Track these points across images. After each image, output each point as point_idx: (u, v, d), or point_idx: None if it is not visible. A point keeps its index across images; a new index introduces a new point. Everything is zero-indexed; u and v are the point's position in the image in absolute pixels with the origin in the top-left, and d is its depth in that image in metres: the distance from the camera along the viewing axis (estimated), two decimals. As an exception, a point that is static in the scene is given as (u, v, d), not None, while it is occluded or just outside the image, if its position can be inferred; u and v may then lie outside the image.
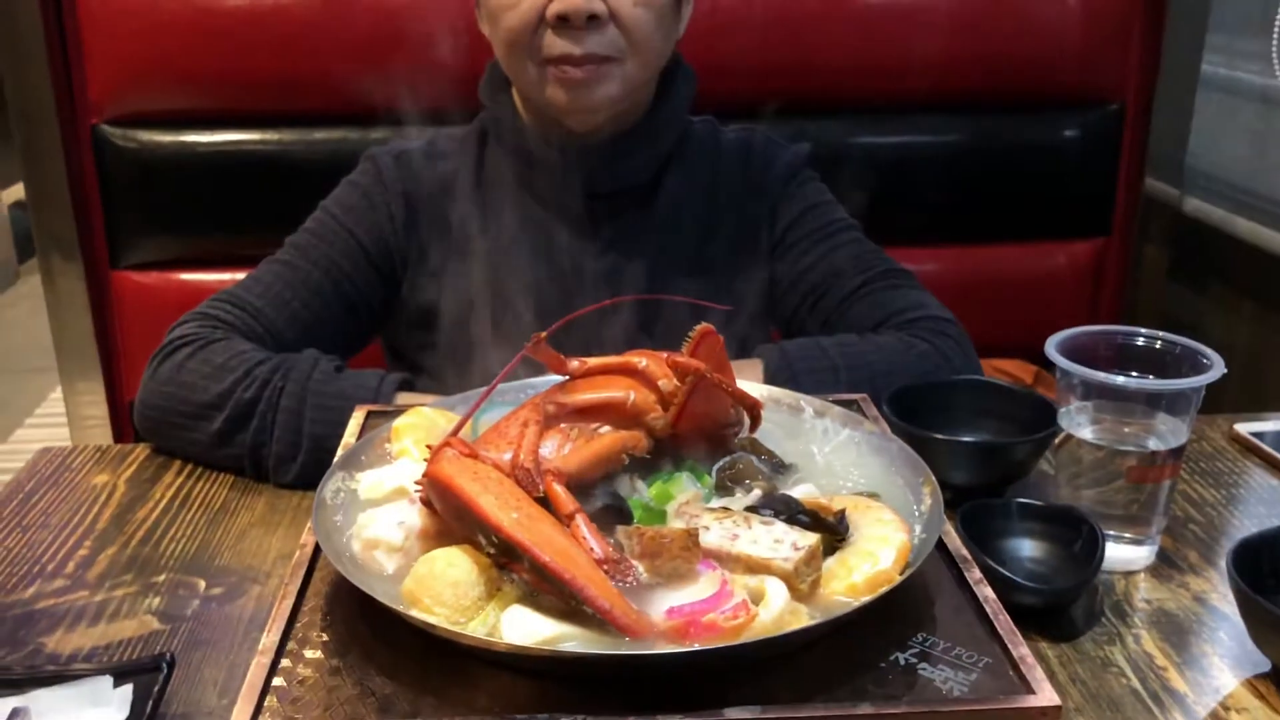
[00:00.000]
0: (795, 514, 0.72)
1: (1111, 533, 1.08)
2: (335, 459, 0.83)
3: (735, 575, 0.68)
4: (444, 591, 0.66)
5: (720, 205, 1.41)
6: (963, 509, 1.02)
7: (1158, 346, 1.12)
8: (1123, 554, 1.09)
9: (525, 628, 0.64)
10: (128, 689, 0.78)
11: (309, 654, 0.67)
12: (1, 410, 3.44)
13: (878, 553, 0.70)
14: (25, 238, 4.08)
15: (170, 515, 1.15)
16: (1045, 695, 0.62)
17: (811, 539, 0.69)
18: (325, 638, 0.68)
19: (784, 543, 0.68)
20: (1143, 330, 1.13)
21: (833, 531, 0.72)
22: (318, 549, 0.76)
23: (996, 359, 1.80)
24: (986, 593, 0.71)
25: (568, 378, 0.81)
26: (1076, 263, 1.99)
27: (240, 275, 1.37)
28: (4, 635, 0.96)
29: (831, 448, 0.86)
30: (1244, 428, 1.32)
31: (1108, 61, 1.92)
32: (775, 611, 0.64)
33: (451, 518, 0.70)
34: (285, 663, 0.66)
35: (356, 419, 0.91)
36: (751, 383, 0.92)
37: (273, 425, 1.19)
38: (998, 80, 1.88)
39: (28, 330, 3.75)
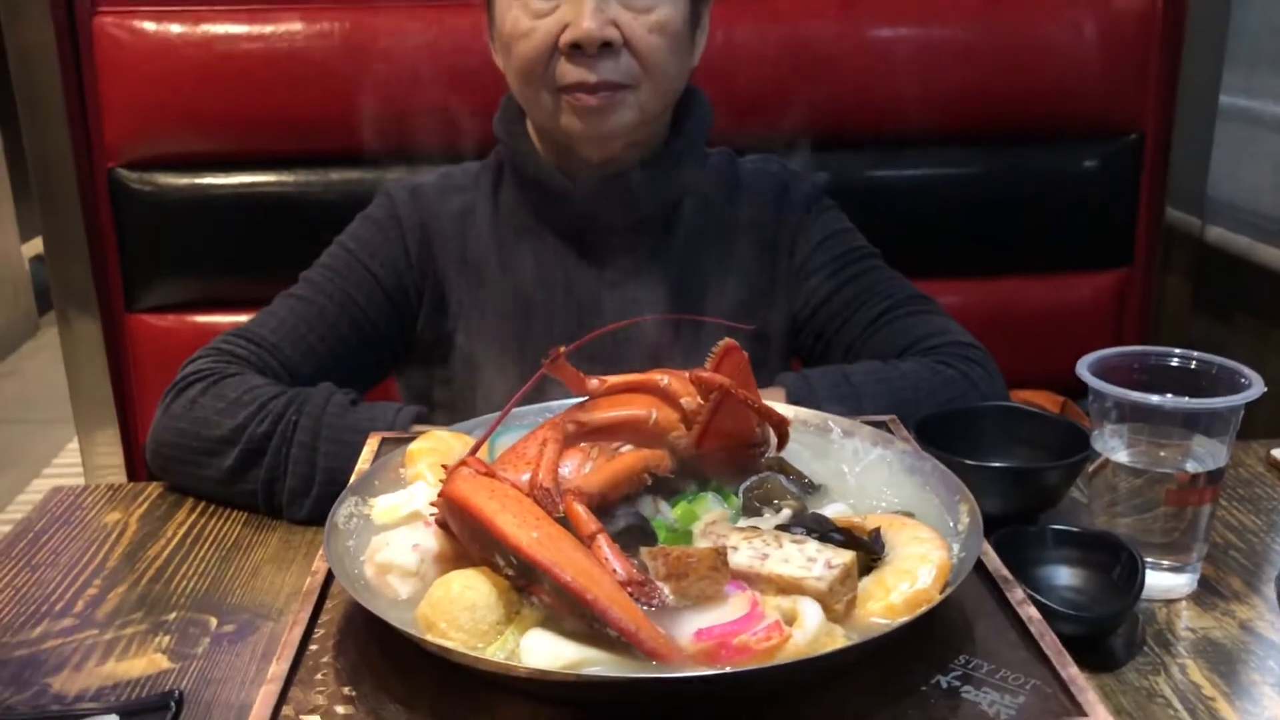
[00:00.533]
0: (828, 532, 0.69)
1: (1150, 560, 1.05)
2: (349, 484, 0.80)
3: (766, 596, 0.65)
4: (460, 615, 0.63)
5: (738, 235, 1.39)
6: (996, 536, 0.99)
7: (1193, 366, 1.08)
8: (1163, 582, 1.05)
9: (546, 652, 0.61)
10: (134, 727, 0.76)
11: (320, 683, 0.64)
12: (19, 461, 3.44)
13: (916, 571, 0.67)
14: (45, 290, 4.09)
15: (182, 553, 1.13)
16: (1099, 717, 0.59)
17: (846, 556, 0.66)
18: (338, 666, 0.65)
19: (817, 561, 0.65)
20: (1177, 350, 1.10)
21: (868, 550, 0.69)
22: (330, 577, 0.73)
23: (1022, 390, 1.77)
24: (1031, 613, 0.67)
25: (588, 397, 0.79)
26: (1100, 294, 1.96)
27: (257, 316, 1.35)
28: (9, 676, 0.93)
29: (862, 467, 0.83)
30: (1282, 453, 1.28)
31: (1125, 92, 1.90)
32: (810, 633, 0.61)
33: (468, 539, 0.67)
34: (295, 692, 0.63)
35: (370, 446, 0.89)
36: (777, 403, 0.89)
37: (286, 459, 1.16)
38: (1015, 112, 1.87)
39: (46, 382, 3.76)
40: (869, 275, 1.38)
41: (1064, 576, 1.04)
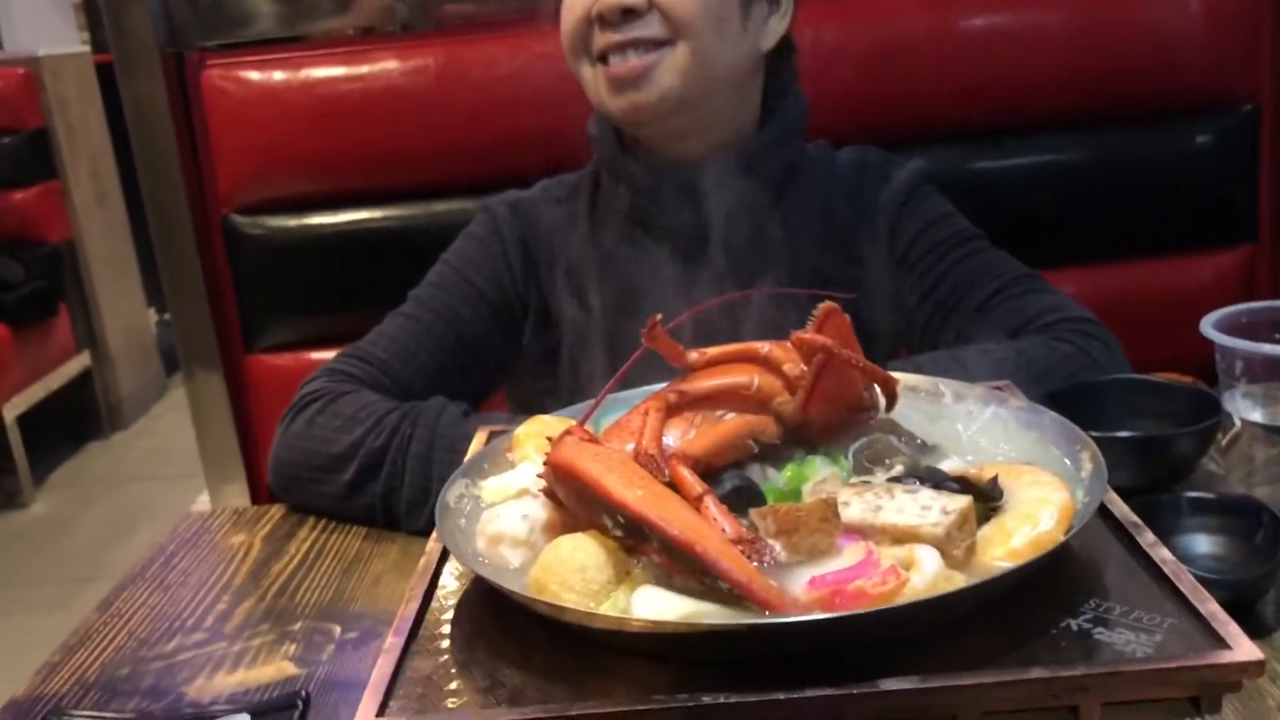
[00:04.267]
0: (942, 481, 0.67)
1: (1297, 527, 0.99)
2: (458, 468, 0.81)
3: (881, 548, 0.63)
4: (571, 577, 0.62)
5: (838, 226, 1.37)
6: (1128, 505, 0.95)
7: (1329, 318, 1.03)
8: (1312, 548, 0.99)
9: (658, 607, 0.60)
10: (264, 726, 0.77)
11: (436, 651, 0.64)
12: (155, 517, 3.57)
13: (1038, 514, 0.64)
14: (171, 353, 4.27)
15: (305, 568, 1.16)
16: (1243, 650, 0.55)
17: (963, 501, 0.64)
18: (453, 635, 0.65)
19: (932, 509, 0.63)
20: (1309, 302, 1.05)
21: (985, 497, 0.66)
22: (444, 556, 0.73)
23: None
24: (1164, 554, 0.64)
25: (689, 371, 0.78)
26: (1224, 273, 1.88)
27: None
28: (147, 687, 0.96)
29: (978, 427, 0.80)
30: None
31: (1237, 63, 1.83)
32: (929, 577, 0.59)
33: (575, 502, 0.67)
34: (413, 661, 0.63)
35: (479, 439, 0.90)
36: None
37: (403, 471, 1.18)
38: (1120, 92, 1.81)
39: (177, 440, 3.90)
40: (976, 257, 1.35)
41: (1203, 545, 0.99)
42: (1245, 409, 1.01)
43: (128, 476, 3.98)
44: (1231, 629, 0.57)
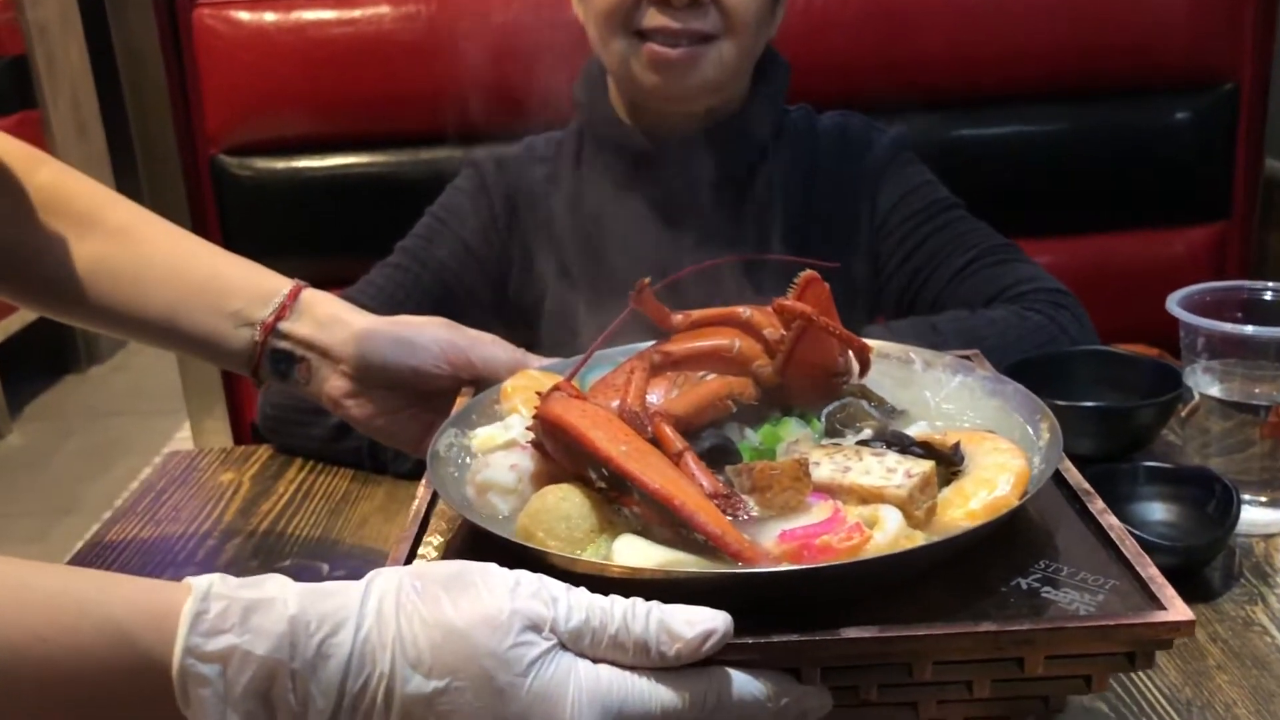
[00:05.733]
0: (908, 445, 0.71)
1: (1248, 497, 1.04)
2: (448, 418, 0.84)
3: (848, 507, 0.67)
4: (556, 525, 0.66)
5: (819, 191, 1.40)
6: (1087, 473, 0.99)
7: (1288, 299, 1.07)
8: (1261, 517, 1.05)
9: (637, 555, 0.64)
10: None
11: (426, 593, 0.68)
12: (131, 451, 3.58)
13: (995, 479, 0.68)
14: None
15: (294, 507, 1.19)
16: (1177, 610, 0.60)
17: (925, 465, 0.68)
18: (442, 577, 0.69)
19: (897, 471, 0.67)
20: (1271, 284, 1.09)
21: (948, 461, 0.71)
22: (433, 502, 0.77)
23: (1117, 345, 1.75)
24: (1111, 520, 0.68)
25: (672, 332, 0.82)
26: (1196, 249, 1.92)
27: (355, 295, 1.40)
28: (138, 617, 0.99)
29: (945, 394, 0.84)
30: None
31: (1219, 41, 1.86)
32: (890, 534, 0.63)
33: (561, 454, 0.70)
34: (403, 601, 0.66)
35: (466, 391, 0.93)
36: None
37: (388, 415, 1.21)
38: (1103, 66, 1.84)
39: (154, 375, 3.90)
40: (953, 226, 1.38)
41: (1158, 512, 1.04)
42: (1204, 384, 1.05)
43: (104, 410, 3.98)
44: (1168, 591, 0.61)
